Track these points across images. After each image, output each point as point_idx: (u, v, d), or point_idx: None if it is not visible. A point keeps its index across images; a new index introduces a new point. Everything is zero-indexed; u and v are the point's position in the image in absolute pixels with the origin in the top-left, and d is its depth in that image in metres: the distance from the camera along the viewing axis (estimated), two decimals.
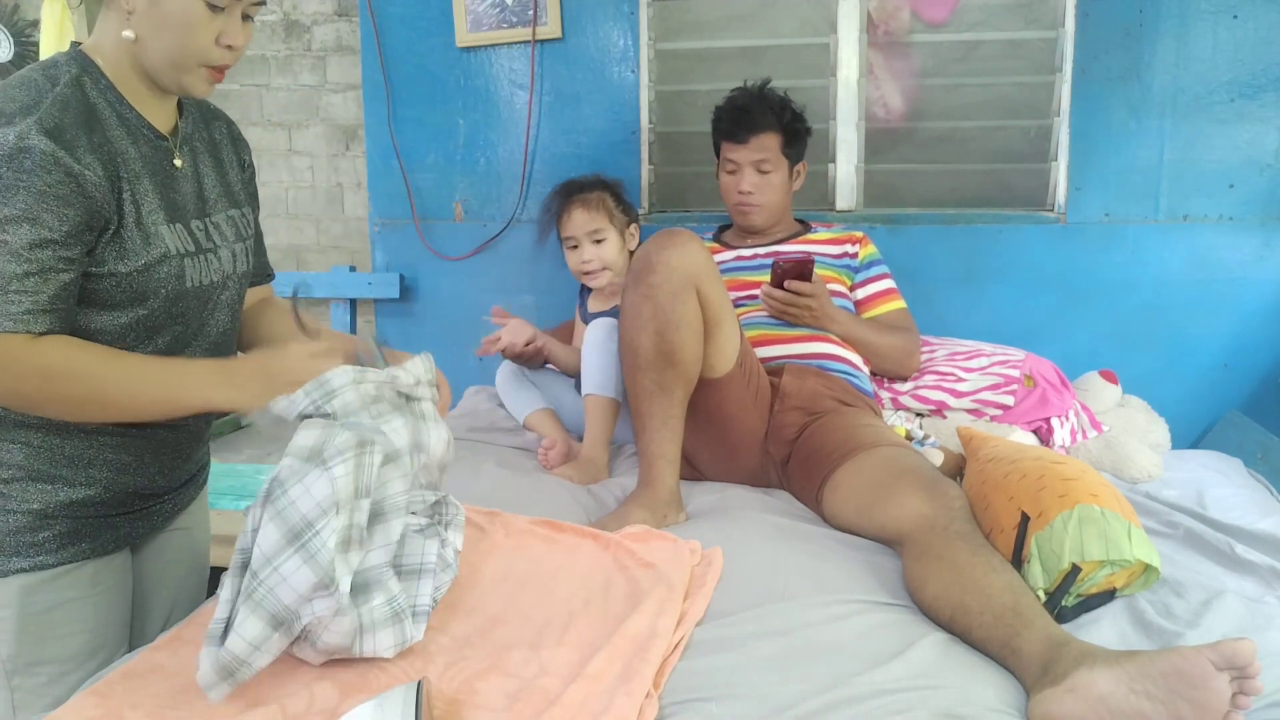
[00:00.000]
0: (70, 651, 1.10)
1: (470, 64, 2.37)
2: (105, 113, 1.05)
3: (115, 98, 1.06)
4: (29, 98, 0.98)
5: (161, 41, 1.04)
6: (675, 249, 1.49)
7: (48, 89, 1.00)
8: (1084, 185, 2.16)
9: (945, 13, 2.21)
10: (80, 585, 1.10)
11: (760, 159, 1.91)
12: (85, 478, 1.09)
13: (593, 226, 1.92)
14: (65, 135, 0.97)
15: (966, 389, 1.87)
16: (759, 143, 1.91)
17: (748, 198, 1.93)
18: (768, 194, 1.93)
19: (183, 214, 1.12)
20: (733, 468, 1.70)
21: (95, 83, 1.05)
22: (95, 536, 1.11)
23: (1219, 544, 1.36)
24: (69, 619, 1.10)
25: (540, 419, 1.92)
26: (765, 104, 1.92)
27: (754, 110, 1.91)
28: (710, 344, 1.54)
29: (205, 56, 1.05)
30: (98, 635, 1.13)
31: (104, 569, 1.13)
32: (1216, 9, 2.04)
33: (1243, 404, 2.14)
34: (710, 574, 1.24)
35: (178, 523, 1.28)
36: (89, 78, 1.04)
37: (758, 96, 1.94)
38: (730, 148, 1.94)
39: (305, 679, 1.01)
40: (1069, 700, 0.92)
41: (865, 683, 0.99)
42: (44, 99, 0.98)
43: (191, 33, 1.03)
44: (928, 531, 1.25)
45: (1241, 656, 0.87)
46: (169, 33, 1.03)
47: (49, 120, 0.96)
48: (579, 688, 0.96)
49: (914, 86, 2.26)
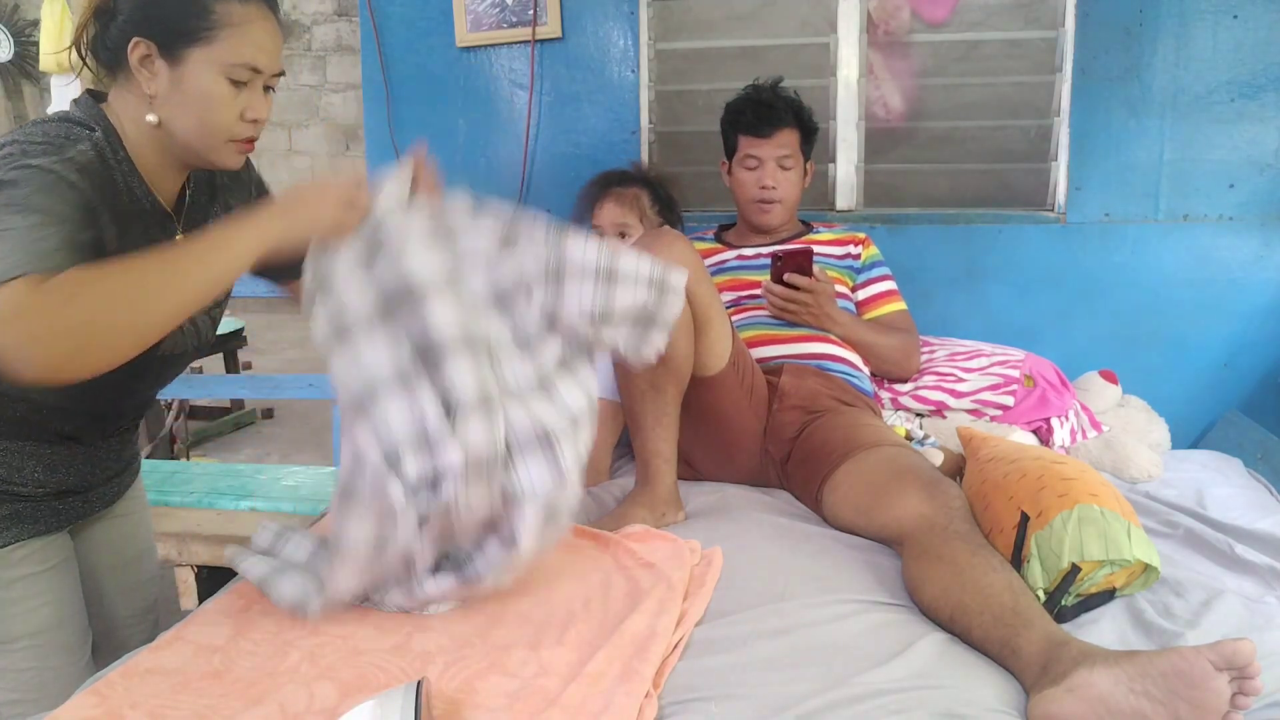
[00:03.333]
0: (38, 624, 1.14)
1: (470, 64, 2.37)
2: (119, 184, 1.05)
3: (130, 170, 1.07)
4: (54, 145, 0.98)
5: (187, 122, 1.05)
6: (661, 248, 1.49)
7: (72, 143, 1.00)
8: (1084, 185, 2.16)
9: (945, 12, 2.21)
10: (30, 562, 1.14)
11: (784, 154, 1.91)
12: (19, 477, 1.13)
13: (620, 220, 1.91)
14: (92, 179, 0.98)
15: (966, 389, 1.87)
16: (781, 138, 1.91)
17: (770, 193, 1.92)
18: (788, 190, 1.93)
19: None
20: (731, 467, 1.70)
21: (114, 153, 1.05)
22: (35, 519, 1.16)
23: (1219, 544, 1.36)
24: (28, 594, 1.14)
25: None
26: (784, 101, 1.93)
27: (776, 106, 1.91)
28: (701, 342, 1.54)
29: (231, 132, 1.06)
30: (60, 606, 1.17)
31: (49, 547, 1.18)
32: (1216, 9, 2.04)
33: (1243, 404, 2.14)
34: (710, 574, 1.24)
35: (116, 510, 1.32)
36: (109, 145, 1.05)
37: (776, 93, 1.94)
38: (752, 143, 1.92)
39: (305, 679, 1.01)
40: (1068, 700, 0.92)
41: (865, 683, 0.99)
42: (69, 149, 0.99)
43: (216, 111, 1.04)
44: (927, 531, 1.25)
45: (1241, 657, 0.87)
46: (193, 113, 1.04)
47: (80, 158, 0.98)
48: (578, 687, 0.96)
49: (914, 86, 2.26)
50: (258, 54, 1.05)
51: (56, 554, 1.19)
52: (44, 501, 1.17)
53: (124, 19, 1.03)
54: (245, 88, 1.05)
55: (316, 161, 2.90)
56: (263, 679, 1.00)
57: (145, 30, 1.02)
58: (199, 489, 2.22)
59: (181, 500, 2.17)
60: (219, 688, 0.99)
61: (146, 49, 1.02)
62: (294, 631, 1.11)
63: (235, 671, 1.03)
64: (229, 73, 1.03)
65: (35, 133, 1.00)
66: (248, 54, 1.04)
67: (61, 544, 1.21)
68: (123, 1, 1.03)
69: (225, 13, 1.02)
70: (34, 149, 0.96)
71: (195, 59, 1.02)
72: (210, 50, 1.02)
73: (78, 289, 0.87)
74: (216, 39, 1.02)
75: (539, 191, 2.40)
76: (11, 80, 3.95)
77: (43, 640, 1.14)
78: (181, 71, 1.02)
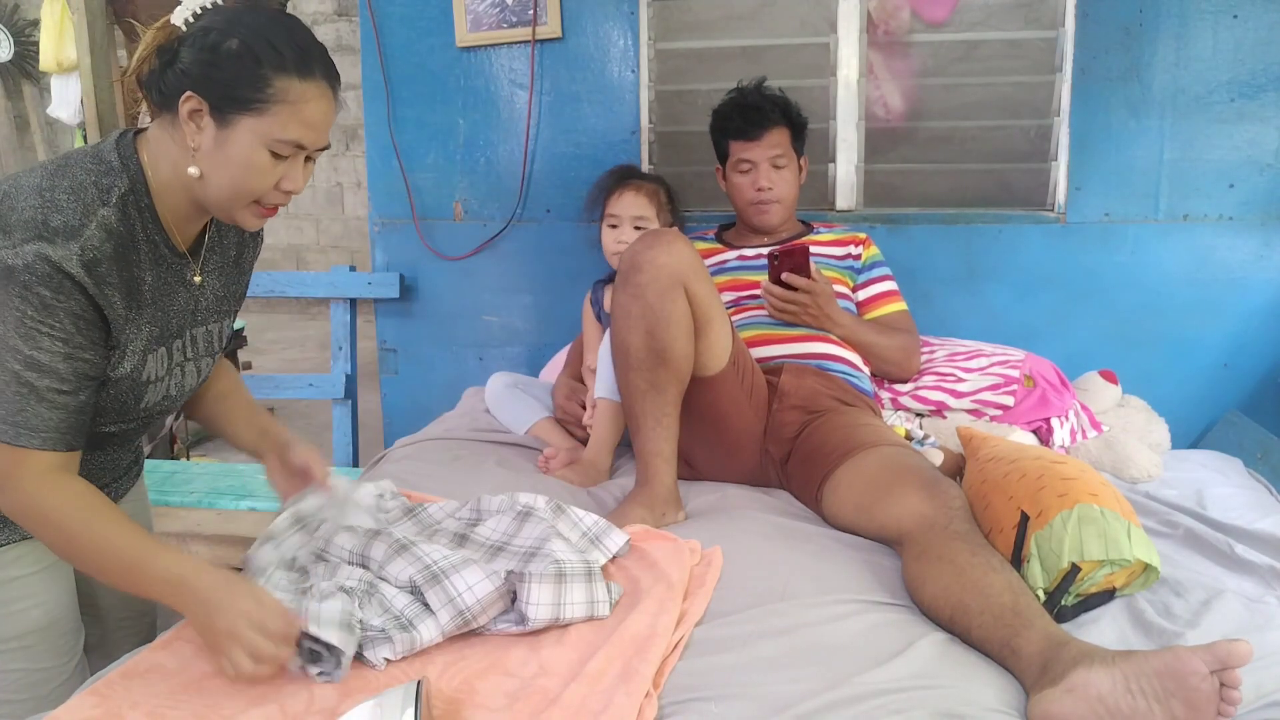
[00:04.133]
0: (28, 625, 1.13)
1: (470, 64, 2.37)
2: (139, 237, 1.06)
3: (151, 219, 1.07)
4: (76, 215, 0.99)
5: (222, 180, 1.04)
6: (662, 248, 1.49)
7: (96, 206, 1.00)
8: (1084, 185, 2.16)
9: (945, 12, 2.21)
10: (23, 563, 1.13)
11: (776, 154, 1.91)
12: None
13: (639, 212, 1.91)
14: (99, 269, 0.99)
15: (966, 389, 1.87)
16: (772, 138, 1.91)
17: (766, 194, 1.92)
18: (784, 189, 1.93)
19: (168, 335, 1.14)
20: (731, 467, 1.70)
21: (138, 202, 1.05)
22: None
23: (1219, 544, 1.36)
24: (20, 595, 1.13)
25: (545, 428, 1.92)
26: (770, 100, 1.93)
27: (763, 107, 1.91)
28: (701, 342, 1.54)
29: (263, 199, 1.07)
30: (51, 608, 1.16)
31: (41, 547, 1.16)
32: (1216, 9, 2.04)
33: (1243, 404, 2.14)
34: (710, 573, 1.24)
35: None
36: (134, 196, 1.05)
37: (761, 93, 1.94)
38: (743, 146, 1.92)
39: (305, 679, 1.01)
40: (1067, 700, 0.93)
41: (865, 682, 0.99)
42: (90, 221, 0.99)
43: (253, 178, 1.04)
44: (927, 531, 1.25)
45: (1236, 657, 0.87)
46: (229, 175, 1.04)
47: (89, 252, 0.98)
48: (578, 687, 0.96)
49: (914, 86, 2.26)
50: (306, 132, 1.04)
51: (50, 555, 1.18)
52: None
53: (183, 68, 1.02)
54: (286, 160, 1.05)
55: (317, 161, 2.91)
56: (262, 679, 1.00)
57: (201, 87, 1.00)
58: (199, 489, 2.22)
59: (181, 500, 2.17)
60: (219, 688, 0.99)
61: (198, 104, 1.01)
62: None
63: None
64: (274, 146, 1.03)
65: (63, 183, 1.01)
66: (295, 132, 1.03)
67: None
68: (186, 50, 1.02)
69: (283, 89, 1.01)
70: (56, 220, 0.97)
71: (243, 127, 1.01)
72: (260, 122, 1.01)
73: (44, 516, 1.01)
74: (268, 112, 1.01)
75: (539, 191, 2.40)
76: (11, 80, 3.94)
77: (32, 641, 1.14)
78: (228, 135, 1.02)
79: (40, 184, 1.00)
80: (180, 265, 1.13)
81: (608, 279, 2.00)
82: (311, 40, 1.05)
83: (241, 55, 1.00)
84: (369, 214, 2.53)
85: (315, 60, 1.04)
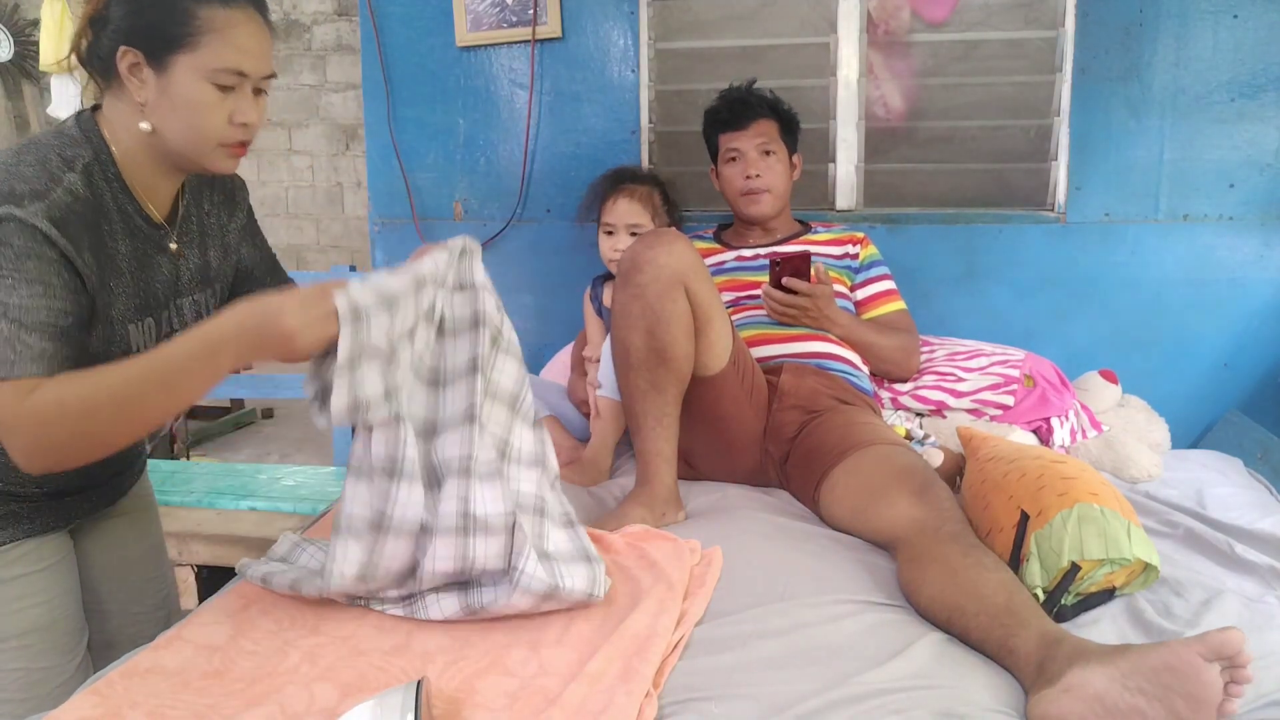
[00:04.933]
0: (30, 624, 1.14)
1: (470, 63, 2.37)
2: (109, 206, 1.06)
3: (120, 188, 1.07)
4: (41, 182, 0.99)
5: (176, 128, 1.05)
6: (662, 248, 1.49)
7: (60, 173, 1.01)
8: (1084, 185, 2.16)
9: (945, 12, 2.21)
10: (26, 561, 1.14)
11: (762, 141, 1.93)
12: (16, 477, 1.12)
13: (633, 220, 1.91)
14: (69, 229, 0.98)
15: (966, 389, 1.87)
16: (759, 128, 1.93)
17: (756, 182, 1.93)
18: (773, 177, 1.94)
19: (153, 305, 1.13)
20: (731, 466, 1.70)
21: (104, 171, 1.06)
22: (34, 518, 1.16)
23: (1219, 544, 1.36)
24: (21, 593, 1.14)
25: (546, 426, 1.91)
26: (757, 96, 1.97)
27: (749, 100, 1.95)
28: (701, 341, 1.54)
29: (220, 136, 1.06)
30: (53, 607, 1.17)
31: (45, 546, 1.17)
32: (1216, 9, 2.04)
33: (1243, 404, 2.14)
34: (710, 573, 1.24)
35: (120, 507, 1.32)
36: (99, 166, 1.05)
37: (748, 90, 1.98)
38: (731, 136, 1.95)
39: (305, 679, 1.01)
40: (1065, 700, 0.93)
41: (864, 682, 0.99)
42: (55, 188, 0.99)
43: (203, 116, 1.04)
44: (919, 534, 1.25)
45: (1229, 647, 0.87)
46: (182, 119, 1.04)
47: (56, 211, 0.97)
48: (578, 687, 0.96)
49: (914, 86, 2.26)
50: (242, 58, 1.04)
51: (53, 553, 1.19)
52: (41, 501, 1.16)
53: (113, 28, 1.03)
54: (233, 92, 1.05)
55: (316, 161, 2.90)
56: (263, 679, 1.00)
57: (132, 39, 1.01)
58: (199, 489, 2.23)
59: (181, 500, 2.17)
60: (219, 688, 0.99)
61: (134, 57, 1.02)
62: (294, 631, 1.11)
63: (235, 671, 1.03)
64: (214, 78, 1.03)
65: (28, 158, 1.01)
66: (231, 58, 1.03)
67: (59, 543, 1.21)
68: (114, 10, 1.03)
69: (208, 18, 1.02)
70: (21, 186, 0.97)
71: (180, 66, 1.02)
72: (195, 56, 1.02)
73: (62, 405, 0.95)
74: (200, 45, 1.01)
75: (539, 191, 2.40)
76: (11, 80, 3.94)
77: (33, 640, 1.14)
78: (168, 79, 1.02)
79: (4, 160, 1.00)
80: (158, 235, 1.13)
81: (605, 275, 2.00)
82: None
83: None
84: (369, 214, 2.53)
85: None
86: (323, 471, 2.41)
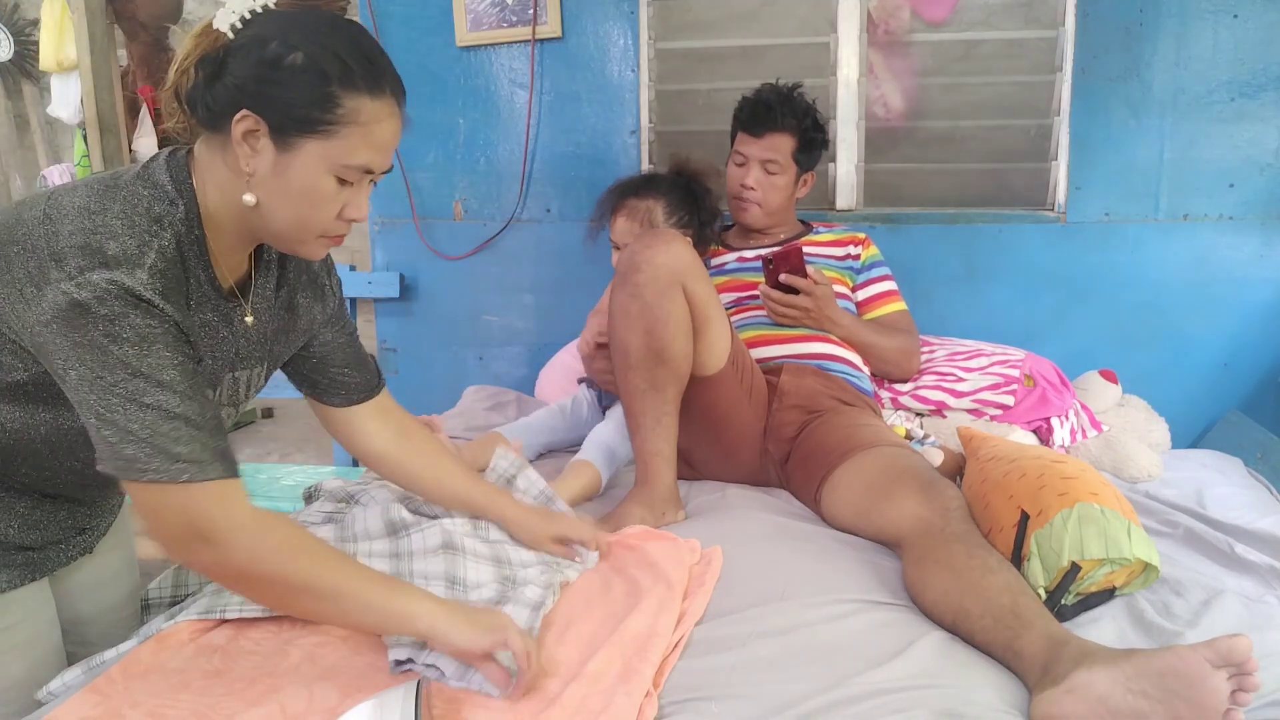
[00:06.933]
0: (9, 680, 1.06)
1: (470, 63, 2.37)
2: (193, 272, 0.96)
3: (200, 253, 0.97)
4: (134, 243, 0.88)
5: (283, 209, 0.95)
6: (660, 248, 1.49)
7: (152, 236, 0.90)
8: (1084, 185, 2.16)
9: (945, 12, 2.21)
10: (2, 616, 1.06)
11: (769, 158, 1.91)
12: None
13: (630, 240, 1.90)
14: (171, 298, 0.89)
15: (966, 389, 1.87)
16: (772, 141, 1.90)
17: (748, 194, 1.93)
18: (768, 194, 1.93)
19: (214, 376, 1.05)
20: (731, 467, 1.70)
21: (190, 233, 0.95)
22: (7, 569, 1.06)
23: (1218, 543, 1.37)
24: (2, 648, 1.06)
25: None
26: (789, 105, 1.90)
27: (776, 108, 1.90)
28: (700, 341, 1.54)
29: (326, 229, 0.98)
30: (34, 662, 1.09)
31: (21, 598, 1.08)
32: (1216, 9, 2.04)
33: (1243, 404, 2.14)
34: (709, 573, 1.24)
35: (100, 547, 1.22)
36: (187, 227, 0.94)
37: (784, 96, 1.91)
38: (744, 140, 1.93)
39: (305, 679, 1.00)
40: (1068, 701, 0.92)
41: (865, 682, 0.99)
42: (148, 250, 0.88)
43: (317, 207, 0.95)
44: (924, 534, 1.24)
45: (1237, 653, 0.87)
46: (290, 205, 0.94)
47: (156, 280, 0.88)
48: (578, 687, 0.96)
49: (914, 86, 2.26)
50: (375, 156, 0.95)
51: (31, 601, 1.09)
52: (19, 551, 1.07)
53: (235, 82, 0.90)
54: (351, 186, 0.96)
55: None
56: (263, 679, 1.00)
57: (258, 104, 0.90)
58: None
59: None
60: (219, 687, 0.99)
61: (255, 125, 0.90)
62: (294, 631, 1.11)
63: (235, 671, 1.02)
64: (340, 172, 0.93)
65: (113, 208, 0.89)
66: (365, 156, 0.94)
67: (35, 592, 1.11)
68: (237, 61, 0.91)
69: (354, 109, 0.91)
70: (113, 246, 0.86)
71: (307, 151, 0.91)
72: (327, 146, 0.91)
73: (296, 559, 0.92)
74: (336, 135, 0.91)
75: (539, 191, 2.40)
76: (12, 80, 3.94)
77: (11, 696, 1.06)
78: (289, 160, 0.91)
79: (88, 205, 0.89)
80: (227, 307, 1.02)
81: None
82: (378, 51, 0.95)
83: (305, 70, 0.89)
84: (369, 213, 2.53)
85: (385, 75, 0.94)
86: (323, 471, 2.40)
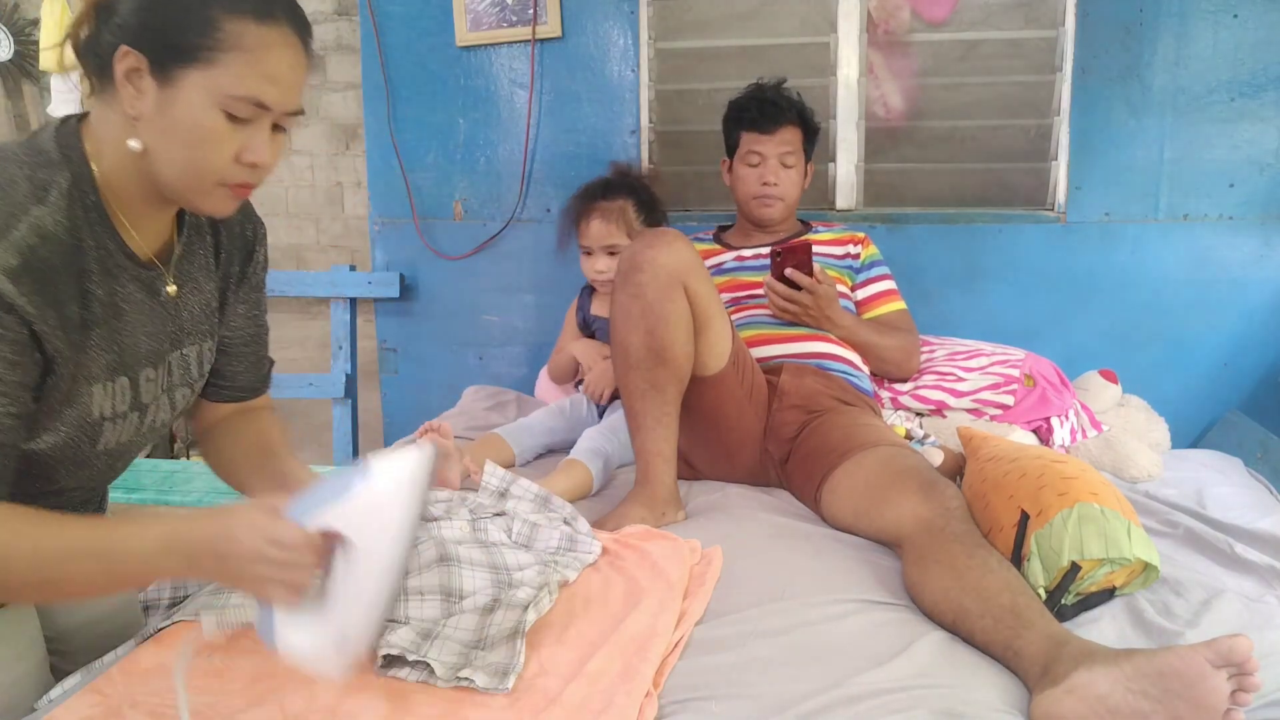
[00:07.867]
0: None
1: (470, 63, 2.37)
2: (86, 242, 0.87)
3: (100, 219, 0.89)
4: (5, 210, 0.81)
5: (171, 154, 0.87)
6: (662, 247, 1.49)
7: (26, 205, 0.82)
8: (1084, 185, 2.16)
9: (945, 12, 2.21)
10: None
11: (786, 151, 1.92)
12: None
13: (608, 241, 1.91)
14: (28, 277, 0.80)
15: (966, 388, 1.87)
16: (784, 135, 1.92)
17: (771, 189, 1.93)
18: (789, 188, 1.94)
19: (135, 362, 0.95)
20: (731, 466, 1.70)
21: (84, 199, 0.87)
22: None
23: (1218, 543, 1.36)
24: None
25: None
26: (788, 100, 1.95)
27: (780, 103, 1.93)
28: (701, 341, 1.54)
29: (223, 174, 0.88)
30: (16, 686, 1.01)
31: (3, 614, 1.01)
32: (1216, 9, 2.04)
33: (1243, 403, 2.14)
34: (710, 573, 1.24)
35: None
36: (78, 192, 0.87)
37: (780, 91, 1.96)
38: (755, 139, 1.94)
39: (305, 678, 1.00)
40: (1068, 701, 0.92)
41: (865, 682, 0.99)
42: (17, 223, 0.81)
43: (206, 147, 0.86)
44: (924, 534, 1.24)
45: (1238, 653, 0.87)
46: (179, 145, 0.86)
47: (14, 256, 0.80)
48: (578, 687, 0.96)
49: (914, 86, 2.26)
50: (267, 87, 0.86)
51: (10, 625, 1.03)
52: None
53: (118, 21, 0.85)
54: (247, 125, 0.87)
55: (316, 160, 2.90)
56: (263, 679, 1.00)
57: (138, 39, 0.83)
58: (199, 488, 2.22)
59: (181, 500, 2.17)
60: (219, 687, 0.99)
61: (136, 61, 0.84)
62: None
63: (235, 671, 1.02)
64: (228, 105, 0.85)
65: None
66: (254, 86, 0.85)
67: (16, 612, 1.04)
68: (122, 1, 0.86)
69: (235, 32, 0.84)
70: None
71: (189, 83, 0.84)
72: (209, 75, 0.84)
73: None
74: (218, 62, 0.84)
75: (539, 191, 2.40)
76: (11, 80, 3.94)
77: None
78: (172, 94, 0.84)
79: None
80: (147, 276, 0.94)
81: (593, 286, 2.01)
82: None
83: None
84: (369, 214, 2.53)
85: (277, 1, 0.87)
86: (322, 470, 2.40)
